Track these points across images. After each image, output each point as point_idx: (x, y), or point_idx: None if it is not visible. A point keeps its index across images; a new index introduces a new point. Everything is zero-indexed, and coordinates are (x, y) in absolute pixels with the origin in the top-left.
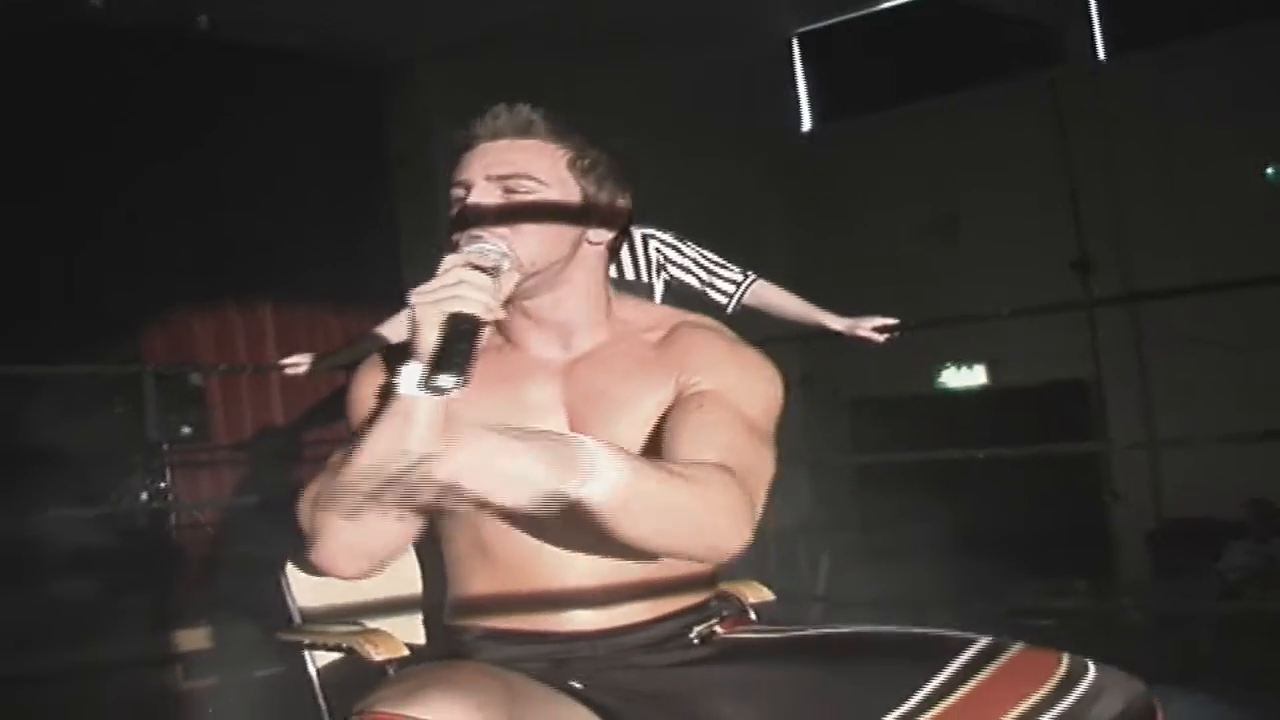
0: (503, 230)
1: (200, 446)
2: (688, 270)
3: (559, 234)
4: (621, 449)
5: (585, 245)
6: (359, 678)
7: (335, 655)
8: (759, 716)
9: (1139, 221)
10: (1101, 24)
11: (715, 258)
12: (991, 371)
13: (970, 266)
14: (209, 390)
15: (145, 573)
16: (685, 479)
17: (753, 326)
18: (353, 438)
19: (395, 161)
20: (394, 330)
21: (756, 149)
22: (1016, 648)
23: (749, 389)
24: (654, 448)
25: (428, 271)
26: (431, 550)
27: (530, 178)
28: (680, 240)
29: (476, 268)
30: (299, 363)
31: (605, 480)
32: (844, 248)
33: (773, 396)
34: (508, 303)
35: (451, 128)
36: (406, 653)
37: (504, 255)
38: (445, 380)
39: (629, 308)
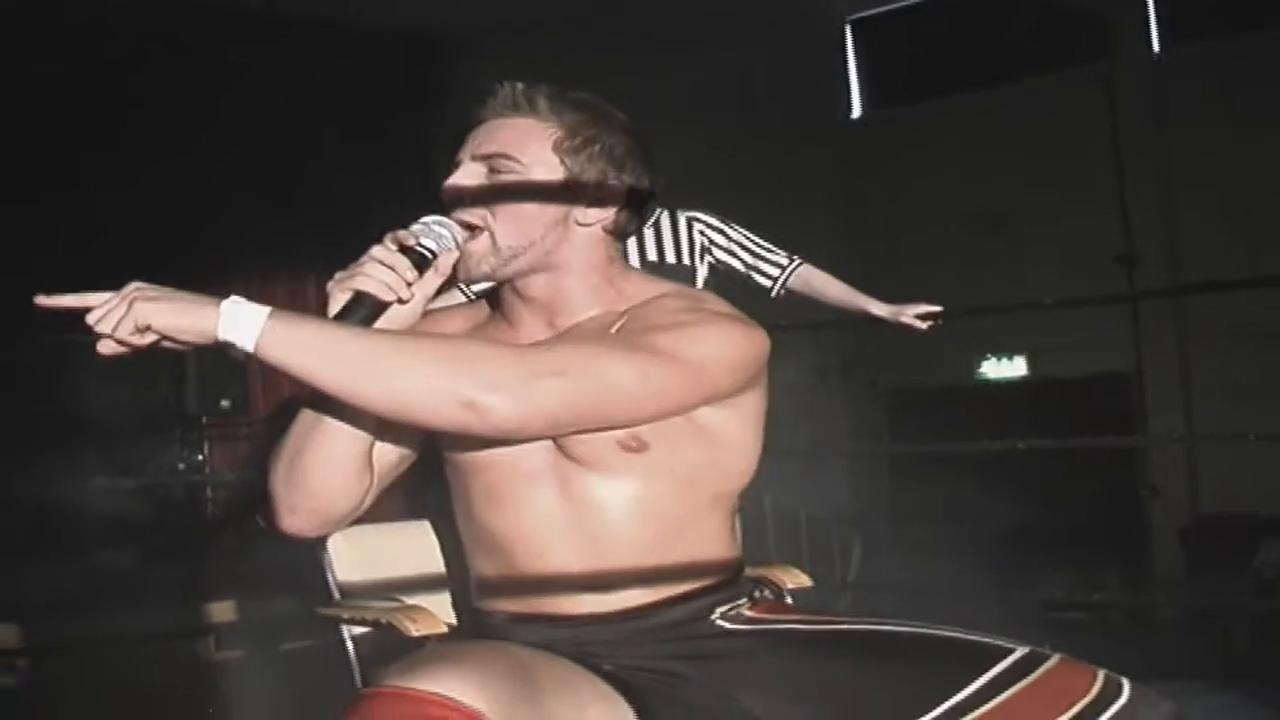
0: (478, 211)
1: (239, 420)
2: (732, 254)
3: (536, 215)
4: (292, 312)
5: (575, 227)
6: (395, 653)
7: (372, 630)
8: (786, 707)
9: (1190, 215)
10: (1157, 16)
11: (761, 241)
12: (1032, 363)
13: (1016, 258)
14: (249, 364)
15: (179, 544)
16: (396, 337)
17: (788, 311)
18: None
19: (441, 139)
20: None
21: (806, 135)
22: (1052, 661)
23: (661, 330)
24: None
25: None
26: (451, 531)
27: (510, 157)
28: (725, 223)
29: (403, 247)
30: None
31: (238, 327)
32: (891, 235)
33: (695, 343)
34: (501, 284)
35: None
36: (445, 629)
37: (444, 236)
38: None
39: (635, 283)
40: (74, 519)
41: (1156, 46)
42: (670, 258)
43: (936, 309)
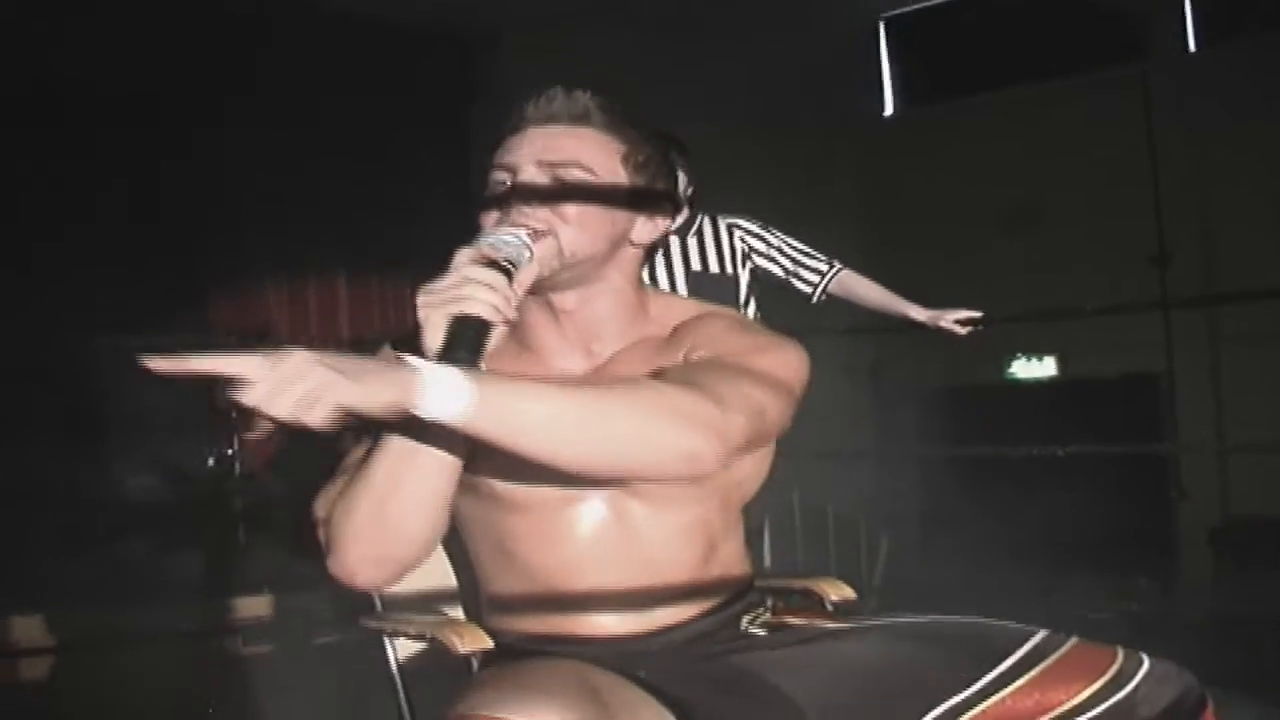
0: (545, 215)
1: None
2: (772, 259)
3: (606, 226)
4: (492, 374)
5: (627, 246)
6: (437, 664)
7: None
8: (822, 689)
9: (1225, 214)
10: (1194, 15)
11: (801, 246)
12: (1061, 363)
13: (1048, 256)
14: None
15: (207, 538)
16: (602, 392)
17: (815, 312)
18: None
19: (474, 134)
20: None
21: (837, 132)
22: (1072, 642)
23: (751, 352)
24: None
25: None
26: (459, 547)
27: (582, 167)
28: (765, 229)
29: (490, 262)
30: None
31: (446, 399)
32: (921, 233)
33: (782, 363)
34: (532, 293)
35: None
36: (491, 644)
37: (524, 246)
38: None
39: (657, 302)
40: (101, 512)
41: (1192, 45)
42: (714, 267)
43: (976, 314)
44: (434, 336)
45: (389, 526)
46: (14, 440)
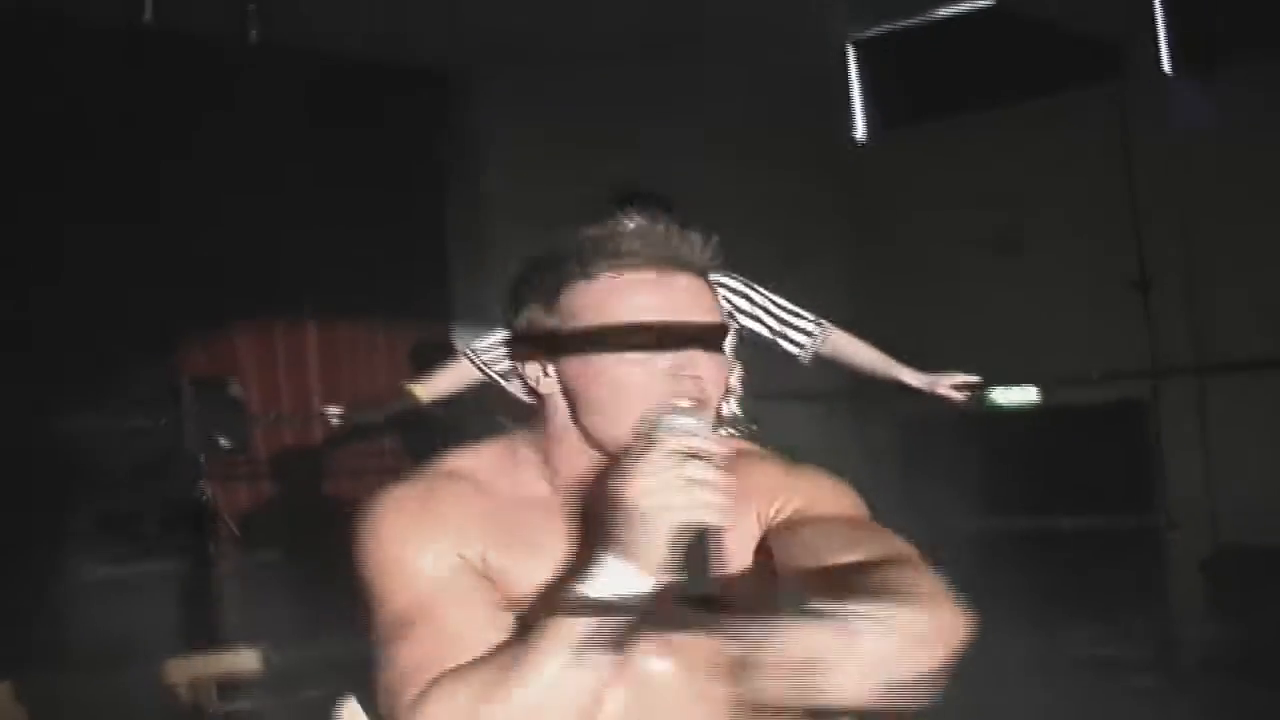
0: (712, 388)
1: (239, 460)
2: (758, 319)
3: (725, 378)
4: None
5: None
6: None
7: None
8: None
9: (1206, 237)
10: (1168, 38)
11: (787, 304)
12: (1044, 390)
13: (1028, 282)
14: (249, 403)
15: (179, 586)
16: (877, 595)
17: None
18: (401, 624)
19: (446, 175)
20: (433, 387)
21: (809, 158)
22: None
23: (833, 494)
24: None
25: (475, 291)
26: None
27: (724, 323)
28: (749, 286)
29: (692, 455)
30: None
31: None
32: (897, 259)
33: (852, 496)
34: (596, 446)
35: (508, 142)
36: None
37: (705, 426)
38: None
39: None
40: (70, 559)
41: (1167, 67)
42: None
43: (973, 379)
44: (656, 547)
45: None
46: None
